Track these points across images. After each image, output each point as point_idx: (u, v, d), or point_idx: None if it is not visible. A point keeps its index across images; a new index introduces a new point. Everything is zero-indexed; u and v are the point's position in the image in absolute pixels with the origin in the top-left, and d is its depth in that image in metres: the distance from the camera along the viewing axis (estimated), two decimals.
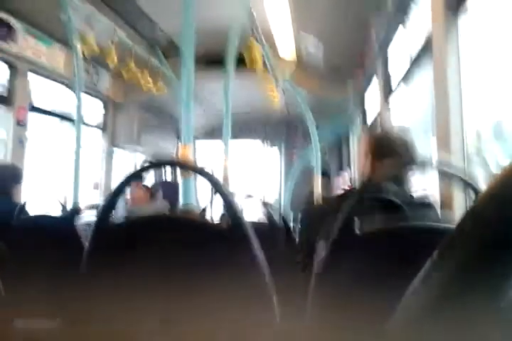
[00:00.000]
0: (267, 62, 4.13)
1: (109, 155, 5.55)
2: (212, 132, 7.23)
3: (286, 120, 7.53)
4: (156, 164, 1.22)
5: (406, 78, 2.90)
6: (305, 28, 4.49)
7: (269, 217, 2.37)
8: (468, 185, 0.99)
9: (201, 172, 1.14)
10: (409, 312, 0.42)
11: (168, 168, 6.33)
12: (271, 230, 2.33)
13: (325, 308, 1.01)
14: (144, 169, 1.17)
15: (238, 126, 6.84)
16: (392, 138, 1.78)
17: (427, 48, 2.18)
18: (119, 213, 4.08)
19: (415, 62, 2.59)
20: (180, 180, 1.82)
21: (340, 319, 0.94)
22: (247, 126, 7.54)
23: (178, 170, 4.93)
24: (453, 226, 0.98)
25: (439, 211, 1.75)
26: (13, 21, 3.57)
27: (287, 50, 5.09)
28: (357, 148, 5.52)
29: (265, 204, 2.61)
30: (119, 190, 1.14)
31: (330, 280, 1.01)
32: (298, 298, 1.20)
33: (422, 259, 0.93)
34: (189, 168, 1.23)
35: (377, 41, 3.31)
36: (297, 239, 2.31)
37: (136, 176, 1.17)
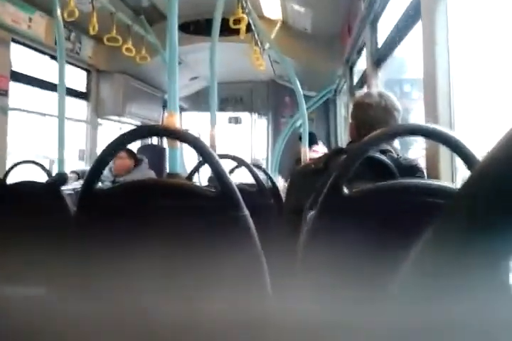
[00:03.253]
0: (252, 26, 4.07)
1: (94, 126, 5.49)
2: (199, 103, 7.19)
3: (273, 88, 7.49)
4: (141, 132, 1.20)
5: (394, 47, 2.87)
6: None
7: (258, 178, 2.38)
8: (455, 147, 0.98)
9: (185, 137, 1.12)
10: (411, 278, 0.42)
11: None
12: (259, 191, 2.34)
13: (315, 270, 1.02)
14: (127, 137, 1.14)
15: (225, 96, 6.80)
16: (373, 101, 1.78)
17: (415, 14, 2.15)
18: (105, 183, 4.09)
19: (403, 29, 2.56)
20: (166, 146, 1.81)
21: (331, 281, 0.95)
22: (233, 97, 7.50)
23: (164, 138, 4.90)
24: (442, 184, 0.98)
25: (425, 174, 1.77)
26: None
27: (273, 10, 5.00)
28: (344, 115, 5.52)
29: (255, 166, 2.62)
30: (104, 158, 1.12)
31: (319, 241, 1.01)
32: (288, 259, 1.21)
33: (412, 218, 0.94)
34: (174, 134, 1.20)
35: (365, 9, 3.26)
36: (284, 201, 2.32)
37: (119, 144, 1.15)
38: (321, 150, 5.26)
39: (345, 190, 0.99)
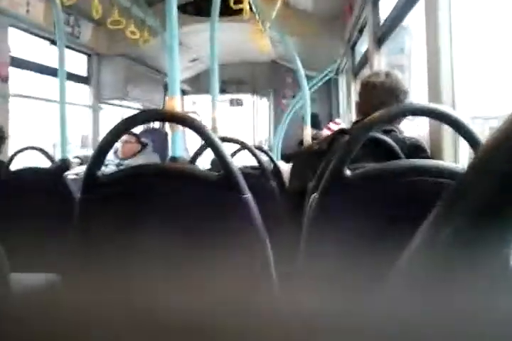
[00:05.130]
0: (252, 5, 4.03)
1: (95, 110, 5.47)
2: (200, 85, 7.14)
3: (275, 69, 7.44)
4: (142, 117, 1.19)
5: (395, 25, 2.84)
6: None
7: (260, 161, 2.38)
8: (459, 128, 0.97)
9: (187, 122, 1.12)
10: (416, 263, 0.41)
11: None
12: (262, 174, 2.34)
13: (319, 253, 1.02)
14: (129, 122, 1.15)
15: (226, 78, 6.75)
16: (378, 81, 1.77)
17: None
18: (110, 167, 4.10)
19: (405, 7, 2.52)
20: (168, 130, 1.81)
21: (334, 265, 0.95)
22: (234, 79, 7.44)
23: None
24: (440, 164, 0.97)
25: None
26: None
27: None
28: (346, 95, 5.48)
29: (257, 148, 2.62)
30: (107, 142, 1.12)
31: (322, 224, 1.01)
32: (291, 241, 1.22)
33: (417, 199, 0.94)
34: (175, 118, 1.20)
35: None
36: (287, 184, 2.32)
37: (122, 129, 1.15)
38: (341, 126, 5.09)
39: (348, 172, 0.99)
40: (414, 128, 2.51)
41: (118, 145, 4.27)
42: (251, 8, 3.98)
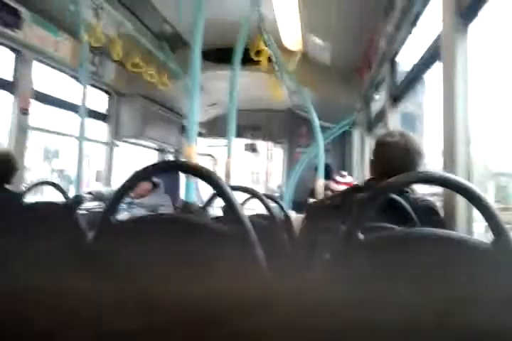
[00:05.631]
0: (273, 57, 4.13)
1: (112, 148, 5.55)
2: (217, 129, 7.24)
3: (290, 118, 7.53)
4: (162, 167, 1.22)
5: (412, 85, 2.90)
6: (312, 28, 4.48)
7: (271, 211, 2.38)
8: (473, 199, 0.98)
9: (205, 176, 1.14)
10: None
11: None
12: (272, 224, 2.34)
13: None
14: (148, 171, 1.17)
15: (242, 124, 6.86)
16: (393, 141, 1.78)
17: (435, 55, 2.18)
18: (123, 205, 4.12)
19: (422, 68, 2.59)
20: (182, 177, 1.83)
21: None
22: (250, 125, 7.55)
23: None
24: (457, 235, 0.98)
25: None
26: (21, 9, 3.56)
27: (293, 42, 5.07)
28: (360, 148, 5.52)
29: (269, 197, 2.62)
30: (125, 189, 1.14)
31: (331, 285, 1.00)
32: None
33: (430, 267, 0.93)
34: (192, 171, 1.23)
35: (385, 45, 3.30)
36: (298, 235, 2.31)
37: (140, 177, 1.17)
38: (347, 180, 5.05)
39: (361, 236, 0.99)
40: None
41: None
42: (270, 59, 4.09)
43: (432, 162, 2.57)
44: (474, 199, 0.97)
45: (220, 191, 1.12)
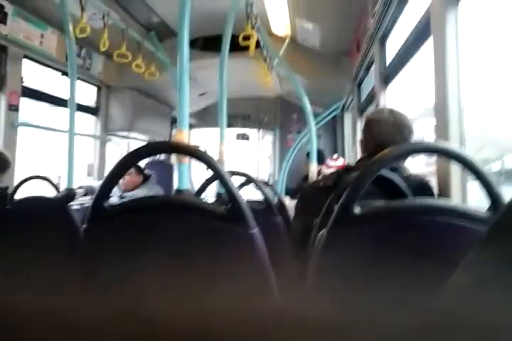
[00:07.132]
0: (261, 42, 4.10)
1: (103, 141, 5.51)
2: (208, 119, 7.21)
3: (281, 105, 7.52)
4: (152, 149, 1.20)
5: (403, 64, 2.87)
6: (300, 12, 4.45)
7: (266, 196, 2.38)
8: (470, 167, 0.97)
9: (196, 154, 1.12)
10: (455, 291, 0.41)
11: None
12: (267, 209, 2.34)
13: (325, 291, 1.01)
14: (138, 154, 1.15)
15: (233, 113, 6.82)
16: (381, 118, 1.77)
17: (425, 30, 2.15)
18: (112, 199, 4.09)
19: (413, 46, 2.56)
20: (175, 163, 1.82)
21: (341, 304, 0.93)
22: (241, 113, 7.52)
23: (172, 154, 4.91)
24: (454, 204, 0.97)
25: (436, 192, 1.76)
26: (4, 3, 3.51)
27: (281, 27, 5.04)
28: (351, 132, 5.51)
29: (263, 183, 2.62)
30: (114, 175, 1.12)
31: (330, 261, 0.99)
32: (297, 278, 1.20)
33: (426, 240, 0.93)
34: (186, 151, 1.20)
35: (375, 26, 3.27)
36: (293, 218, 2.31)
37: (130, 161, 1.15)
38: (338, 163, 5.05)
39: (357, 209, 0.98)
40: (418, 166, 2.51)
41: None
42: (259, 45, 4.05)
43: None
44: (473, 169, 0.96)
45: (216, 172, 1.11)
